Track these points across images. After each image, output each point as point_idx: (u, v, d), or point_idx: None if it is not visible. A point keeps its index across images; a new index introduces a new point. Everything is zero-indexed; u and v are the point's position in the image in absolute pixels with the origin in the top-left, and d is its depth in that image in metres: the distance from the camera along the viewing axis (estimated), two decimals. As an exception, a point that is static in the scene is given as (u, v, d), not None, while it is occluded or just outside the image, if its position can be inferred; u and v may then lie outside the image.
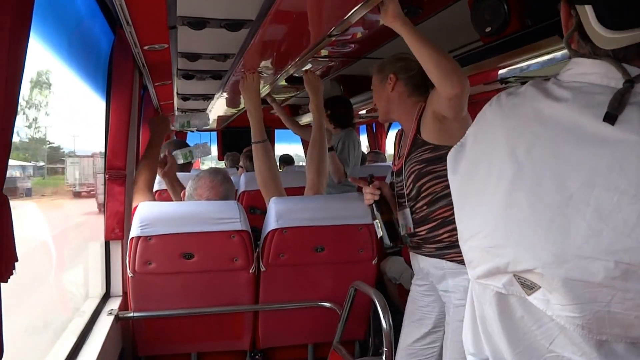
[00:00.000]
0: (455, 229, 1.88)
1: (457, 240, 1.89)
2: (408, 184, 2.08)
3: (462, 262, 1.89)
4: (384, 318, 1.98)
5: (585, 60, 1.04)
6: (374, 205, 2.09)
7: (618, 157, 0.92)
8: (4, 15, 0.86)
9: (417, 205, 2.06)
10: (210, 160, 11.30)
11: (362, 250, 2.48)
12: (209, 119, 3.28)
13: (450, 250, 1.98)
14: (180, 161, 3.28)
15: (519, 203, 1.00)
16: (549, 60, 2.17)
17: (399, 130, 2.37)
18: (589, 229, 0.92)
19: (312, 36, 2.22)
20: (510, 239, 1.01)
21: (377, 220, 2.08)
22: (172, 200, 3.16)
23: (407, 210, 2.10)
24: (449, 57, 1.81)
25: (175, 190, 3.11)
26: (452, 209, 1.88)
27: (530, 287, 1.00)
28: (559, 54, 2.09)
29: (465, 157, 1.15)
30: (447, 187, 1.86)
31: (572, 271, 0.94)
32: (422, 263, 2.13)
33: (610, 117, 0.93)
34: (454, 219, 1.88)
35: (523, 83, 1.23)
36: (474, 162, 1.12)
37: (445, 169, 1.28)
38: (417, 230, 2.08)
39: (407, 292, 3.52)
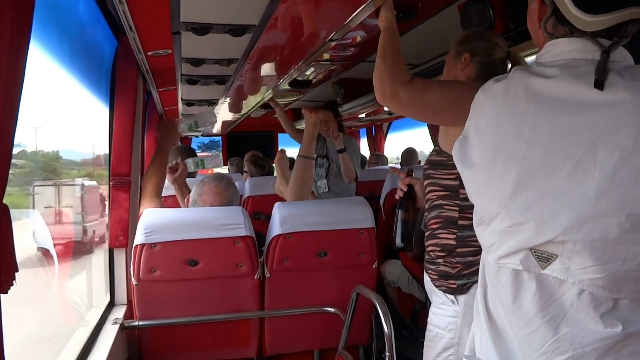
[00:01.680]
0: (437, 245, 1.89)
1: (435, 257, 1.89)
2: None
3: (433, 279, 1.90)
4: (386, 322, 1.96)
5: (562, 40, 1.15)
6: (400, 199, 2.02)
7: (613, 117, 1.02)
8: (2, 22, 0.86)
9: (426, 207, 2.00)
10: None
11: (363, 254, 2.48)
12: (215, 117, 3.26)
13: (430, 266, 1.93)
14: (192, 169, 3.27)
15: (533, 178, 1.08)
16: (531, 61, 2.22)
17: None
18: (599, 188, 1.01)
19: (314, 40, 2.22)
20: (528, 214, 1.08)
21: (395, 217, 2.02)
22: (177, 206, 3.16)
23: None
24: (387, 65, 1.71)
25: (184, 196, 3.11)
26: (440, 221, 1.87)
27: (546, 260, 1.08)
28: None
29: (472, 148, 1.20)
30: (440, 197, 1.87)
31: (591, 232, 1.03)
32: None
33: (599, 83, 1.04)
34: (439, 233, 1.87)
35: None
36: (482, 151, 1.17)
37: (442, 177, 1.32)
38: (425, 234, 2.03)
39: (406, 295, 3.52)
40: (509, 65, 1.95)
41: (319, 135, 4.53)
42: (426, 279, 1.98)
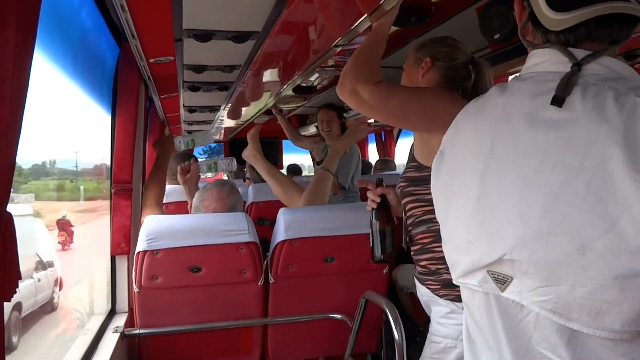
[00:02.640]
0: (434, 258, 1.87)
1: (435, 269, 1.86)
2: (400, 198, 2.00)
3: (434, 290, 1.88)
4: (396, 329, 1.94)
5: (537, 52, 1.12)
6: (372, 211, 1.98)
7: (564, 136, 0.98)
8: (8, 31, 0.86)
9: (407, 222, 1.97)
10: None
11: None
12: (212, 139, 3.32)
13: (427, 277, 1.90)
14: (205, 172, 3.27)
15: (488, 195, 1.07)
16: None
17: None
18: (543, 207, 0.98)
19: (318, 47, 2.21)
20: (482, 231, 1.07)
21: (371, 229, 1.97)
22: (179, 213, 3.15)
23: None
24: (359, 66, 1.70)
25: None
26: (431, 235, 1.85)
27: (503, 282, 1.06)
28: None
29: (444, 163, 1.20)
30: (427, 212, 1.85)
31: (536, 251, 1.00)
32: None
33: (557, 100, 1.00)
34: (432, 247, 1.85)
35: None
36: (453, 167, 1.17)
37: (427, 192, 1.32)
38: (411, 248, 2.00)
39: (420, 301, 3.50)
40: (473, 74, 1.93)
41: (322, 139, 4.54)
42: (424, 291, 1.93)
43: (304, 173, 8.00)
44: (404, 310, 3.59)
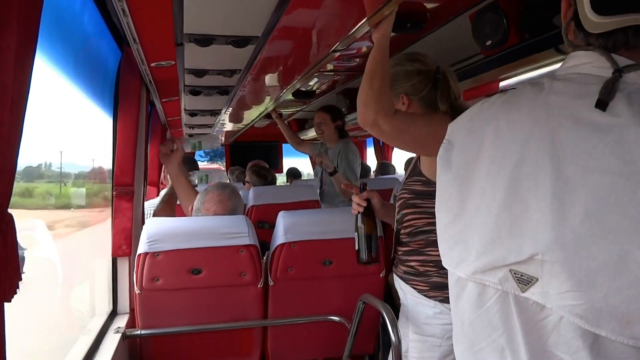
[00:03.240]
0: (426, 261, 1.90)
1: (424, 271, 1.89)
2: (397, 207, 2.04)
3: (421, 291, 1.90)
4: (393, 331, 1.96)
5: (578, 53, 1.10)
6: (358, 216, 2.04)
7: (611, 140, 0.96)
8: (9, 34, 0.87)
9: (401, 232, 2.03)
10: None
11: None
12: (219, 142, 3.29)
13: (414, 277, 1.95)
14: (188, 149, 3.22)
15: (519, 193, 1.04)
16: (547, 72, 2.22)
17: None
18: (585, 210, 0.96)
19: (317, 51, 2.23)
20: (512, 229, 1.05)
21: (357, 233, 2.03)
22: (180, 214, 3.15)
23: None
24: (374, 90, 1.71)
25: (181, 184, 2.92)
26: (429, 243, 1.88)
27: (526, 282, 1.04)
28: (555, 66, 2.13)
29: (457, 153, 1.19)
30: (429, 223, 1.87)
31: (572, 255, 0.97)
32: (395, 282, 2.11)
33: (602, 104, 0.98)
34: (426, 250, 1.88)
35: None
36: (472, 159, 1.15)
37: (432, 206, 1.30)
38: (398, 248, 2.05)
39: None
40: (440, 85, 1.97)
41: (321, 143, 4.56)
42: (409, 290, 1.98)
43: (303, 178, 7.99)
44: (400, 312, 3.60)
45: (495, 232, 1.07)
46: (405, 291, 2.01)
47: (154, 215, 2.86)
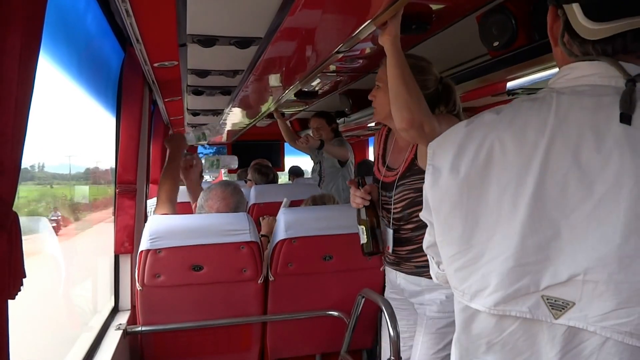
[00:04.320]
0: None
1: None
2: (397, 207, 2.08)
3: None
4: (392, 326, 1.98)
5: (581, 64, 1.06)
6: (362, 209, 2.07)
7: (638, 154, 0.93)
8: (13, 35, 0.88)
9: (403, 228, 2.06)
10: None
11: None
12: (223, 127, 3.31)
13: (428, 269, 1.98)
14: (207, 168, 3.29)
15: (547, 214, 0.99)
16: (556, 73, 2.20)
17: (382, 129, 2.35)
18: (626, 227, 0.92)
19: (320, 53, 2.23)
20: (542, 252, 0.99)
21: (363, 226, 2.07)
22: (186, 212, 3.17)
23: (391, 232, 2.10)
24: (412, 93, 1.77)
25: (197, 195, 3.05)
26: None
27: (561, 308, 0.99)
28: None
29: (451, 182, 1.11)
30: None
31: (616, 273, 0.93)
32: (399, 279, 2.15)
33: (626, 118, 0.94)
34: None
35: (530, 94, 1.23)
36: (472, 186, 1.08)
37: None
38: (398, 249, 2.09)
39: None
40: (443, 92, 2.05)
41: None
42: (423, 281, 2.04)
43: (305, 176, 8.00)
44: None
45: (520, 258, 1.02)
46: (420, 283, 2.05)
47: (157, 200, 2.87)
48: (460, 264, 1.11)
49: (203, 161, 3.22)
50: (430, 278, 1.96)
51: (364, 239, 2.07)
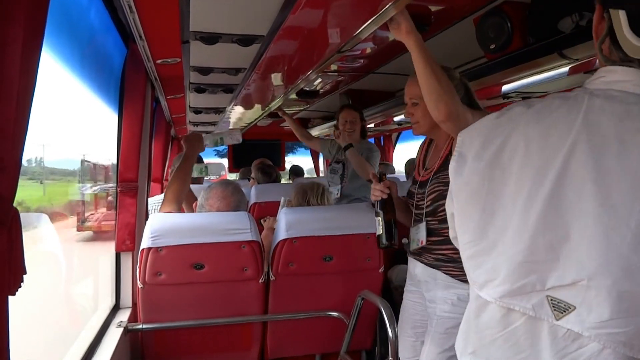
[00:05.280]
0: (455, 249, 1.92)
1: (458, 257, 1.93)
2: (429, 200, 2.10)
3: (456, 276, 1.94)
4: (390, 327, 1.99)
5: (617, 68, 1.03)
6: (379, 202, 2.11)
7: None
8: (16, 28, 0.87)
9: (431, 221, 2.09)
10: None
11: (369, 259, 2.51)
12: (241, 136, 3.28)
13: (447, 264, 2.02)
14: (210, 145, 3.23)
15: (561, 214, 0.99)
16: (550, 76, 2.27)
17: (425, 139, 2.37)
18: (636, 238, 0.92)
19: (322, 51, 2.23)
20: (551, 252, 1.00)
21: (380, 218, 2.10)
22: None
23: (424, 225, 2.11)
24: (443, 84, 1.80)
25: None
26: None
27: (562, 310, 0.99)
28: (558, 70, 2.18)
29: (471, 167, 1.12)
30: None
31: (620, 282, 0.93)
32: (418, 270, 2.17)
33: None
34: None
35: (524, 98, 1.22)
36: (497, 177, 1.08)
37: None
38: (429, 239, 2.09)
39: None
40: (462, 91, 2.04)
41: (330, 140, 4.52)
42: (440, 275, 2.05)
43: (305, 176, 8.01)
44: (398, 308, 3.62)
45: (530, 255, 1.02)
46: (436, 277, 2.06)
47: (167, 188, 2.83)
48: (473, 252, 1.13)
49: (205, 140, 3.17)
50: (448, 274, 2.00)
51: (379, 230, 2.10)
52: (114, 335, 2.28)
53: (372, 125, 5.20)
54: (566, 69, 2.16)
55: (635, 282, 0.92)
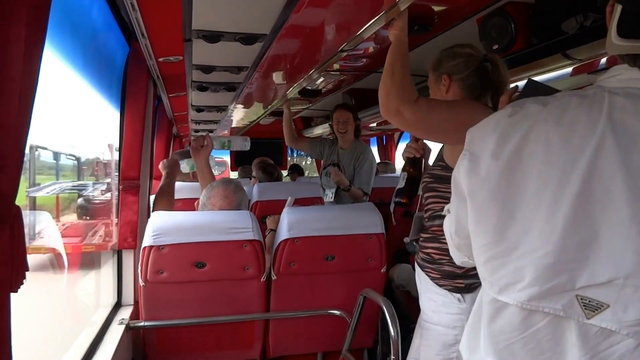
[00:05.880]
0: (440, 249, 1.94)
1: (438, 259, 1.93)
2: (422, 191, 2.10)
3: (434, 279, 1.93)
4: (392, 326, 1.99)
5: (626, 66, 1.03)
6: (410, 159, 2.17)
7: None
8: (18, 26, 0.87)
9: (424, 215, 2.09)
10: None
11: (371, 259, 2.51)
12: (249, 144, 3.29)
13: (429, 265, 2.01)
14: (218, 147, 3.25)
15: (589, 213, 0.97)
16: (553, 77, 2.26)
17: None
18: None
19: (325, 51, 2.23)
20: (581, 252, 0.98)
21: (405, 173, 2.16)
22: (187, 209, 3.17)
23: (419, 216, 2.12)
24: (395, 81, 1.75)
25: (205, 178, 3.04)
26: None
27: (594, 309, 0.98)
28: (562, 71, 2.16)
29: (490, 168, 1.08)
30: None
31: None
32: (416, 268, 2.17)
33: None
34: (442, 238, 1.88)
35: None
36: (512, 176, 1.06)
37: (448, 191, 1.24)
38: (420, 235, 2.10)
39: (415, 299, 3.54)
40: (491, 68, 1.98)
41: (330, 141, 4.49)
42: (424, 278, 2.04)
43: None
44: (400, 307, 3.63)
45: (560, 256, 1.00)
46: (420, 278, 2.07)
47: (153, 206, 2.88)
48: (492, 254, 1.09)
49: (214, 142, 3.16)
50: (428, 275, 2.00)
51: (401, 184, 2.15)
52: (115, 332, 2.28)
53: (374, 125, 5.20)
54: (569, 69, 2.15)
55: None
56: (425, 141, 2.21)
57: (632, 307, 0.95)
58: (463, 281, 1.88)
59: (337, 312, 2.52)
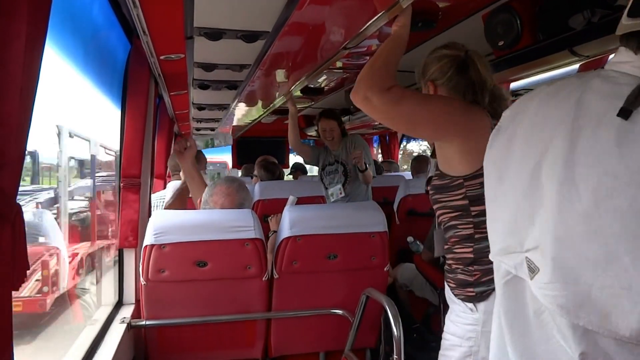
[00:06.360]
0: (454, 258, 1.91)
1: (455, 268, 1.91)
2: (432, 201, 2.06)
3: (452, 288, 1.91)
4: (395, 325, 1.98)
5: (622, 49, 1.05)
6: None
7: (624, 150, 0.94)
8: (19, 24, 0.87)
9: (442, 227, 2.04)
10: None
11: (374, 257, 2.50)
12: (231, 139, 3.30)
13: (448, 274, 1.95)
14: (202, 147, 3.24)
15: (538, 185, 1.04)
16: (559, 74, 2.26)
17: None
18: (584, 212, 0.96)
19: (327, 49, 2.23)
20: (528, 218, 1.06)
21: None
22: (188, 208, 3.16)
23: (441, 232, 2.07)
24: (375, 73, 1.72)
25: (193, 179, 3.00)
26: (457, 239, 1.87)
27: (532, 270, 1.05)
28: (568, 68, 2.16)
29: (500, 137, 1.18)
30: (452, 218, 1.87)
31: (564, 251, 0.99)
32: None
33: (624, 113, 0.94)
34: (455, 248, 1.88)
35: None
36: (512, 146, 1.14)
37: (450, 199, 1.39)
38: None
39: (418, 298, 3.53)
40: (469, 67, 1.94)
41: (322, 147, 4.59)
42: (446, 287, 1.99)
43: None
44: (403, 307, 3.62)
45: (516, 219, 1.10)
46: (446, 290, 2.01)
47: (165, 208, 2.87)
48: (490, 213, 1.21)
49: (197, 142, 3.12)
50: (449, 285, 1.94)
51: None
52: (117, 331, 2.28)
53: (377, 123, 5.20)
54: (576, 66, 2.14)
55: (577, 252, 0.97)
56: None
57: (545, 272, 1.02)
58: (473, 289, 1.84)
59: (339, 312, 2.51)
